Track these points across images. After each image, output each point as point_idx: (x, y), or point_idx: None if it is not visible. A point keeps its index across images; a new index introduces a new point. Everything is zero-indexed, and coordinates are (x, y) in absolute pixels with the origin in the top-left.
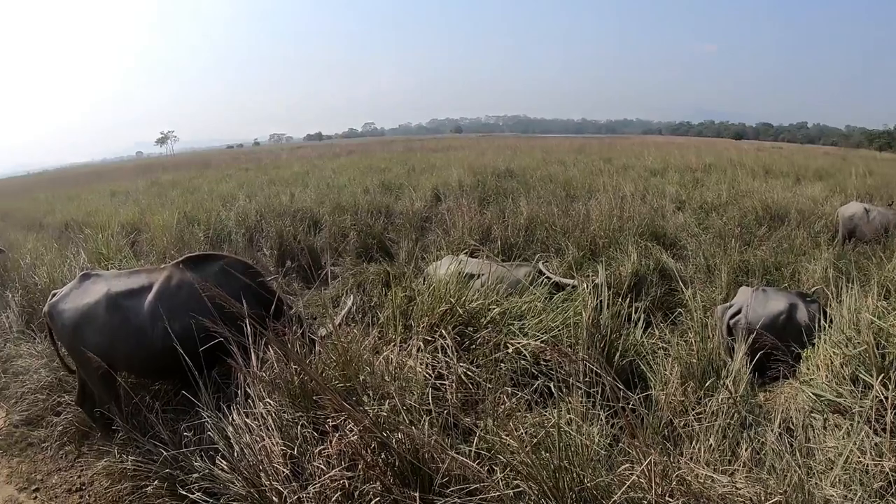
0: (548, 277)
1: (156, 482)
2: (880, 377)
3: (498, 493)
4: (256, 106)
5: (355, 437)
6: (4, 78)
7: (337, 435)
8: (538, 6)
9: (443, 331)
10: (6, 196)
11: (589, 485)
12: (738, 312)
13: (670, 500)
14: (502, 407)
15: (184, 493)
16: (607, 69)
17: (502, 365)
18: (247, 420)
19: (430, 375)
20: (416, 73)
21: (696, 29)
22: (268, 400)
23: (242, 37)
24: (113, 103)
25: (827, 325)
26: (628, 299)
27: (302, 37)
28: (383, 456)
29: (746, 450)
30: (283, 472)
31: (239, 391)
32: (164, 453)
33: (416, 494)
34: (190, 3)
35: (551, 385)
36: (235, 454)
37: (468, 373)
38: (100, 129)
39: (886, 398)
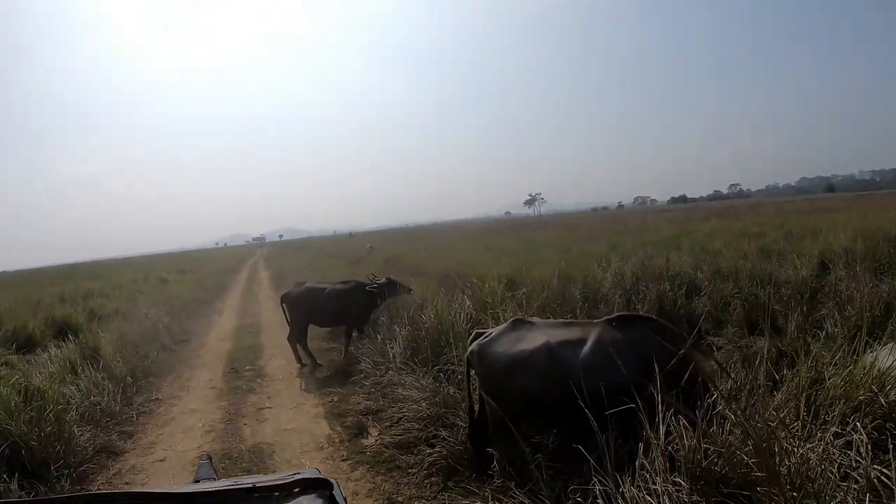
0: None
1: None
2: None
3: None
4: (621, 170)
5: None
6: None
7: None
8: None
9: (857, 423)
10: (388, 243)
11: None
12: None
13: None
14: None
15: None
16: None
17: None
18: (645, 495)
19: (834, 474)
20: (783, 128)
21: None
22: (677, 479)
23: (615, 110)
24: (486, 174)
25: None
26: None
27: (678, 105)
28: None
29: None
30: None
31: (636, 461)
32: None
33: None
34: (587, 94)
35: None
36: None
37: (882, 477)
38: (470, 192)
39: None
